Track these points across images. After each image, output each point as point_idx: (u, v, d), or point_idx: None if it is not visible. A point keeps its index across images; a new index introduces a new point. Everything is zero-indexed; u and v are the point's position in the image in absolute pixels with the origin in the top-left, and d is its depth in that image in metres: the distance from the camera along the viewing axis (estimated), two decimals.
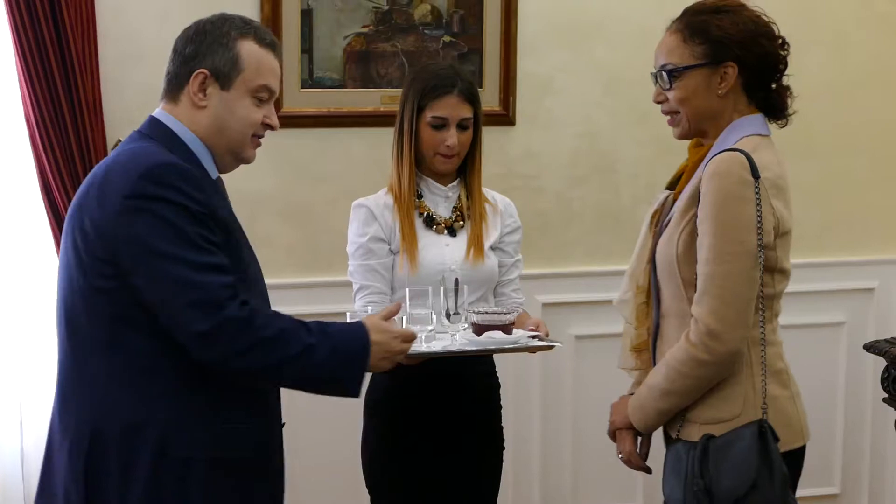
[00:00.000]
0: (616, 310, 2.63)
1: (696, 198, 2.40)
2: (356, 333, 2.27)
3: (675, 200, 2.51)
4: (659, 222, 2.53)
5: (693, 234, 2.40)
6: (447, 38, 3.71)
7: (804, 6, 4.02)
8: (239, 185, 3.60)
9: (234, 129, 2.26)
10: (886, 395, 3.40)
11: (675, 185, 2.56)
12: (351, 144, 3.71)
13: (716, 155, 2.39)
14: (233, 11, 3.45)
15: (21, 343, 3.44)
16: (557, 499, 4.00)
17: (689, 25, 2.48)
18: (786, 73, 2.51)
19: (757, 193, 2.34)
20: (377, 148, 3.61)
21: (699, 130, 2.51)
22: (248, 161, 2.32)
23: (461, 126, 2.86)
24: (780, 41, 2.52)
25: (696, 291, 2.38)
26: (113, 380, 2.17)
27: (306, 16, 3.58)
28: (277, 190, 3.68)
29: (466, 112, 2.86)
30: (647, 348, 2.56)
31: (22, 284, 3.43)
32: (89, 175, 2.24)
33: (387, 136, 3.08)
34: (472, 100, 2.88)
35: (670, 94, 2.48)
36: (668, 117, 2.53)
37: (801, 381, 2.55)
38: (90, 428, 2.17)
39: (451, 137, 2.84)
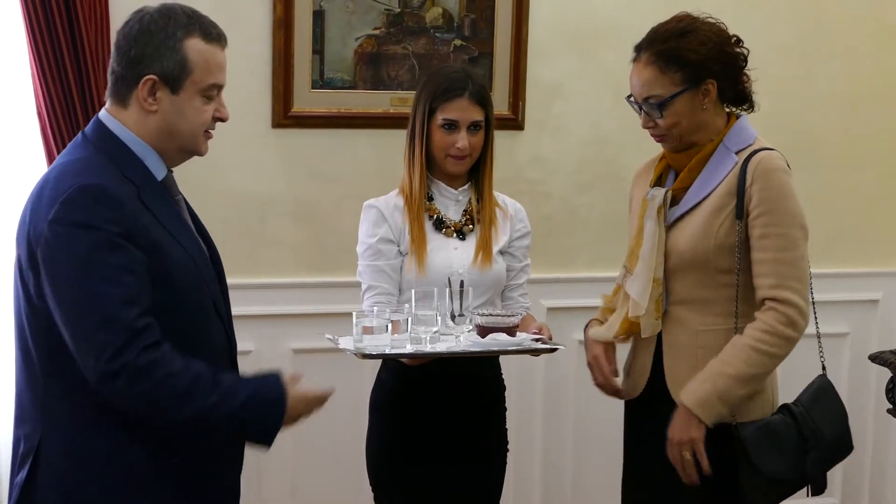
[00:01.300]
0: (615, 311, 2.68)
1: (734, 193, 2.53)
2: (272, 390, 2.20)
3: (674, 196, 2.62)
4: (665, 219, 2.62)
5: (734, 225, 2.52)
6: (458, 42, 3.73)
7: (815, 19, 4.04)
8: (247, 186, 3.65)
9: (186, 130, 2.20)
10: (890, 406, 3.41)
11: (659, 181, 2.68)
12: (360, 146, 3.72)
13: (755, 153, 2.54)
14: (246, 13, 3.56)
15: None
16: (558, 501, 4.01)
17: (662, 55, 2.56)
18: (748, 66, 2.64)
19: None
20: (386, 149, 3.63)
21: (689, 143, 2.63)
22: (200, 154, 2.27)
23: (472, 128, 2.87)
24: (736, 39, 2.63)
25: (732, 276, 2.54)
26: (29, 399, 2.17)
27: (318, 17, 3.59)
28: (286, 190, 3.69)
29: (477, 115, 2.87)
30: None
31: None
32: (36, 185, 2.17)
33: (396, 137, 3.08)
34: (484, 103, 2.89)
35: (660, 122, 2.58)
36: (658, 137, 2.64)
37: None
38: (29, 444, 2.17)
39: (462, 140, 2.85)
